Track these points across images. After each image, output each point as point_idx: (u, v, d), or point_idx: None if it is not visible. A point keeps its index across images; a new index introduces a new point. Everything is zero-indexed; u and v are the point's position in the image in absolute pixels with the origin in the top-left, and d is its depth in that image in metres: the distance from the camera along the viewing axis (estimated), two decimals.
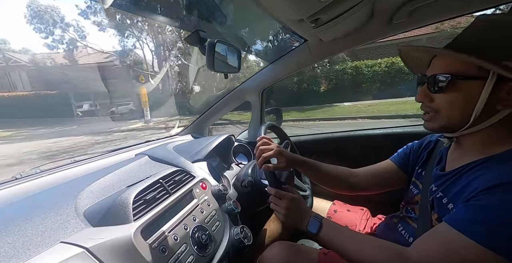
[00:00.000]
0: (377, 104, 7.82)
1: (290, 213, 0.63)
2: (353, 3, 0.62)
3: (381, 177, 0.76)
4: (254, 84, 1.21)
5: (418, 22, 0.79)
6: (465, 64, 0.45)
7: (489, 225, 0.39)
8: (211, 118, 1.35)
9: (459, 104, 0.48)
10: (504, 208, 0.38)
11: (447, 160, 0.58)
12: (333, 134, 1.33)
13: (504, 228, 0.38)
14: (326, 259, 0.68)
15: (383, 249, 0.50)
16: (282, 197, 0.65)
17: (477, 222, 0.40)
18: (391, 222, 0.71)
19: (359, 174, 0.80)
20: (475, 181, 0.45)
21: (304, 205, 0.65)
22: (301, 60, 1.06)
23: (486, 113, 0.46)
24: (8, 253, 0.40)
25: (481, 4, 0.71)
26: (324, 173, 0.80)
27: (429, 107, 0.53)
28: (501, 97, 0.44)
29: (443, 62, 0.49)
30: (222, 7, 0.85)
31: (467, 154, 0.52)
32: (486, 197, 0.41)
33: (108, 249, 0.42)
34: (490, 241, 0.38)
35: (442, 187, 0.53)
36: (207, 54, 0.74)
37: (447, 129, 0.53)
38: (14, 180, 0.68)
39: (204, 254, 0.56)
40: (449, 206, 0.49)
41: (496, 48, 0.44)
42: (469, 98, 0.46)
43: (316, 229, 0.58)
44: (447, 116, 0.50)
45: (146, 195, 0.54)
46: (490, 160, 0.47)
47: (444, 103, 0.50)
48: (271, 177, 0.68)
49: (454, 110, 0.49)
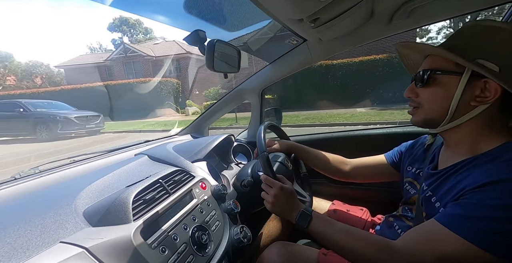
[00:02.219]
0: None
1: (278, 202, 0.64)
2: (353, 3, 0.62)
3: (371, 169, 0.84)
4: (253, 84, 1.21)
5: (418, 22, 0.80)
6: (446, 61, 0.50)
7: (471, 219, 0.41)
8: (210, 118, 1.35)
9: (437, 98, 0.52)
10: (488, 204, 0.40)
11: (439, 159, 0.60)
12: (333, 133, 1.33)
13: (486, 222, 0.40)
14: (325, 259, 0.68)
15: (372, 241, 0.52)
16: (271, 185, 0.65)
17: (461, 217, 0.42)
18: (388, 221, 0.72)
19: (352, 163, 0.88)
20: (463, 180, 0.46)
21: (294, 197, 0.65)
22: (300, 60, 1.06)
23: (462, 108, 0.50)
24: (8, 253, 0.40)
25: (480, 4, 0.71)
26: (317, 157, 0.91)
27: (414, 102, 0.57)
28: (476, 94, 0.47)
29: (429, 61, 0.54)
30: (221, 7, 0.84)
31: (455, 153, 0.54)
32: (472, 195, 0.43)
33: (107, 249, 0.42)
34: (472, 235, 0.40)
35: (431, 186, 0.55)
36: (206, 54, 0.74)
37: (429, 124, 0.56)
38: (13, 180, 0.68)
39: (203, 254, 0.56)
40: (436, 205, 0.51)
41: (475, 48, 0.48)
42: (447, 92, 0.50)
43: (306, 222, 0.58)
44: (427, 110, 0.54)
45: (146, 195, 0.54)
46: (477, 159, 0.49)
47: (426, 97, 0.54)
48: (265, 164, 0.68)
49: (433, 104, 0.53)
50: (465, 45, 0.49)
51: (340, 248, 0.54)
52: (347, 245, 0.53)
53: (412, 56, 0.61)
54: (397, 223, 0.67)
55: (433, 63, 0.53)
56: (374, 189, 1.16)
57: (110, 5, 0.67)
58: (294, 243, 0.78)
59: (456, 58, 0.47)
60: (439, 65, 0.51)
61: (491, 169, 0.44)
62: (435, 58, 0.53)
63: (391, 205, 0.80)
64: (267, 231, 0.94)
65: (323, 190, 1.22)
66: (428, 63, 0.54)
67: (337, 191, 1.19)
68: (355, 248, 0.52)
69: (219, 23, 0.88)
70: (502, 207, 0.39)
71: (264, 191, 0.67)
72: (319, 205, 0.97)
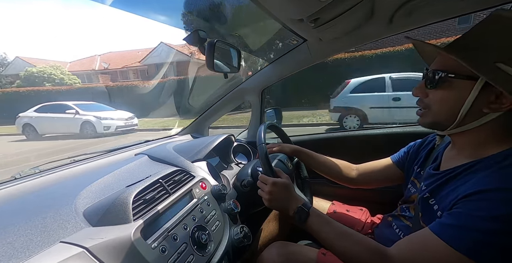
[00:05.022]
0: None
1: (274, 198, 0.63)
2: (353, 3, 0.62)
3: (379, 173, 0.80)
4: (254, 84, 1.21)
5: (418, 22, 0.79)
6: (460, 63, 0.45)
7: (462, 230, 0.40)
8: (211, 118, 1.35)
9: (448, 102, 0.49)
10: (475, 215, 0.40)
11: (442, 159, 0.59)
12: (333, 133, 1.33)
13: (475, 233, 0.39)
14: (324, 259, 0.68)
15: (367, 246, 0.51)
16: (265, 182, 0.66)
17: (453, 227, 0.41)
18: (387, 220, 0.72)
19: (359, 168, 0.85)
20: (461, 186, 0.45)
21: (291, 190, 0.64)
22: (300, 60, 1.06)
23: (473, 115, 0.46)
24: (8, 253, 0.40)
25: (480, 4, 0.71)
26: (323, 163, 0.87)
27: (423, 102, 0.54)
28: (490, 100, 0.44)
29: (443, 59, 0.50)
30: (221, 7, 0.85)
31: (459, 155, 0.52)
32: (463, 204, 0.42)
33: (107, 249, 0.42)
34: (463, 245, 0.39)
35: (430, 187, 0.54)
36: (206, 54, 0.74)
37: (436, 126, 0.54)
38: (13, 179, 0.68)
39: (203, 254, 0.56)
40: (435, 207, 0.50)
41: (496, 48, 0.43)
42: (458, 97, 0.47)
43: (303, 218, 0.58)
44: (435, 112, 0.51)
45: (146, 195, 0.54)
46: (478, 164, 0.47)
47: (436, 99, 0.51)
48: (262, 155, 0.68)
49: (442, 108, 0.50)
50: (484, 44, 0.44)
51: (335, 248, 0.54)
52: (341, 247, 0.53)
53: (425, 47, 0.57)
54: (395, 223, 0.67)
55: (446, 62, 0.48)
56: (373, 189, 1.16)
57: (110, 5, 0.67)
58: (293, 243, 0.78)
59: (470, 64, 0.42)
60: (453, 66, 0.47)
61: (485, 176, 0.43)
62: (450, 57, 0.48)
63: (390, 204, 0.80)
64: (267, 231, 0.94)
65: (322, 190, 1.21)
66: (441, 62, 0.50)
67: (336, 191, 1.19)
68: (349, 251, 0.52)
69: (219, 23, 0.88)
70: (489, 219, 0.38)
71: (260, 189, 0.67)
72: (319, 205, 0.97)
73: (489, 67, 0.41)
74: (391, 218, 0.70)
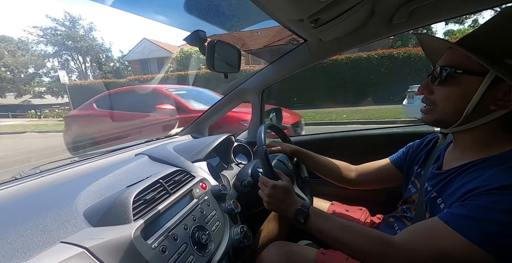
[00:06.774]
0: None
1: (273, 201, 0.63)
2: (353, 3, 0.62)
3: (377, 174, 0.80)
4: (254, 84, 1.21)
5: (418, 22, 0.79)
6: (469, 58, 0.44)
7: (476, 221, 0.40)
8: (211, 118, 1.35)
9: (454, 99, 0.48)
10: (497, 208, 0.39)
11: (444, 159, 0.58)
12: (333, 134, 1.33)
13: (491, 225, 0.39)
14: (324, 258, 0.68)
15: (370, 236, 0.51)
16: (265, 184, 0.65)
17: (466, 217, 0.41)
18: (388, 221, 0.72)
19: (358, 169, 0.85)
20: (472, 181, 0.45)
21: (291, 193, 0.64)
22: (301, 60, 1.06)
23: (479, 112, 0.46)
24: (8, 253, 0.40)
25: (481, 4, 0.71)
26: (322, 164, 0.87)
27: (428, 99, 0.53)
28: (498, 97, 0.43)
29: (451, 55, 0.49)
30: (221, 7, 0.84)
31: (464, 154, 0.52)
32: (481, 197, 0.41)
33: (108, 249, 0.42)
34: (475, 235, 0.39)
35: (436, 186, 0.53)
36: (207, 54, 0.74)
37: (441, 124, 0.54)
38: (13, 180, 0.68)
39: (204, 254, 0.56)
40: (441, 206, 0.50)
41: (503, 44, 0.43)
42: (466, 94, 0.46)
43: (303, 219, 0.58)
44: (441, 109, 0.51)
45: (146, 195, 0.54)
46: (487, 161, 0.46)
47: (441, 96, 0.50)
48: (263, 157, 0.68)
49: (448, 104, 0.49)
50: (494, 40, 0.43)
51: (339, 243, 0.54)
52: (346, 240, 0.53)
53: (433, 43, 0.57)
54: (397, 224, 0.67)
55: (454, 58, 0.48)
56: (373, 189, 1.16)
57: (111, 5, 0.67)
58: (293, 243, 0.78)
59: (480, 58, 0.42)
60: (461, 62, 0.46)
61: (504, 172, 0.42)
62: (458, 52, 0.48)
63: (390, 204, 0.80)
64: (267, 231, 0.94)
65: (322, 190, 1.21)
66: (448, 58, 0.49)
67: (336, 191, 1.19)
68: (354, 243, 0.52)
69: (219, 23, 0.88)
70: (509, 211, 0.38)
71: (260, 190, 0.67)
72: (318, 205, 0.97)
73: (499, 63, 0.41)
74: (393, 219, 0.70)
